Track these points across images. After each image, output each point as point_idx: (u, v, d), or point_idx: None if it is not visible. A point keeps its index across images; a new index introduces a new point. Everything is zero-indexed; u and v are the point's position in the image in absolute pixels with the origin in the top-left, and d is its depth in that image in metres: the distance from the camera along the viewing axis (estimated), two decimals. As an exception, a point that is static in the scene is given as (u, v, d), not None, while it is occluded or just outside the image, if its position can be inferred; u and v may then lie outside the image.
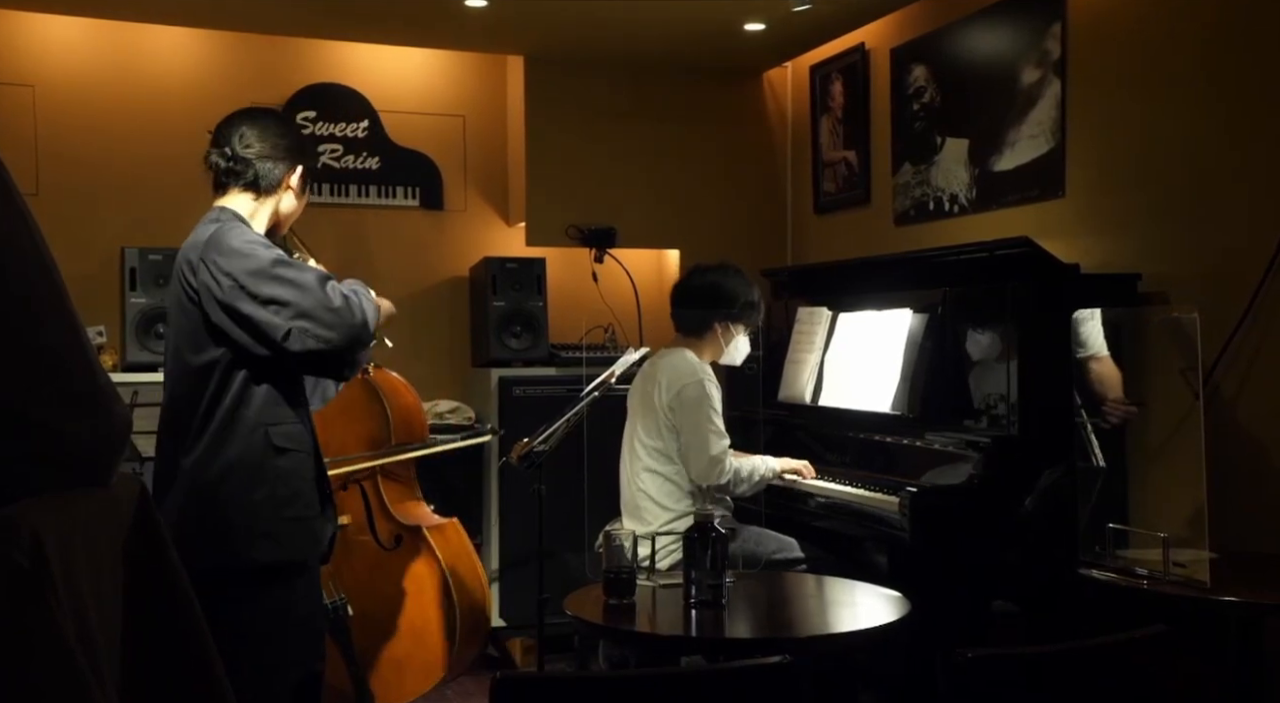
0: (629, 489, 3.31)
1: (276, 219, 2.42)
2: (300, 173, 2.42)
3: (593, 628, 2.38)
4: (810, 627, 2.48)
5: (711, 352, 3.33)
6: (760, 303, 3.42)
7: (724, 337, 3.31)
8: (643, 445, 3.24)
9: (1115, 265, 3.25)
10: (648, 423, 3.24)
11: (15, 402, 1.08)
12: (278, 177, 2.38)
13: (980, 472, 2.90)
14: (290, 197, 2.43)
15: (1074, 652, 1.70)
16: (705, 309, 3.30)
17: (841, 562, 3.29)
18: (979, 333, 3.14)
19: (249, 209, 2.36)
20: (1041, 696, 1.68)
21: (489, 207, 4.91)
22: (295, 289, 2.18)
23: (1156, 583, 2.27)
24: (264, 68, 4.54)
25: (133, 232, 4.10)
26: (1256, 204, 2.86)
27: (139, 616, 1.21)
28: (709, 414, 3.16)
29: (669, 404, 3.19)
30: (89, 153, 4.31)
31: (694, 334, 3.32)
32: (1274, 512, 2.79)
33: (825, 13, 4.03)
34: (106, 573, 1.16)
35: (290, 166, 2.39)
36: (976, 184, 3.85)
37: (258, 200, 2.37)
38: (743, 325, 3.34)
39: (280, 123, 2.49)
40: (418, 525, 3.31)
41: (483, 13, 4.09)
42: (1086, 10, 3.41)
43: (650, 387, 3.24)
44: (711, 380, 3.22)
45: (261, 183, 2.36)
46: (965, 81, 3.89)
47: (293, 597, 2.27)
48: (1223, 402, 2.91)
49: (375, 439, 3.38)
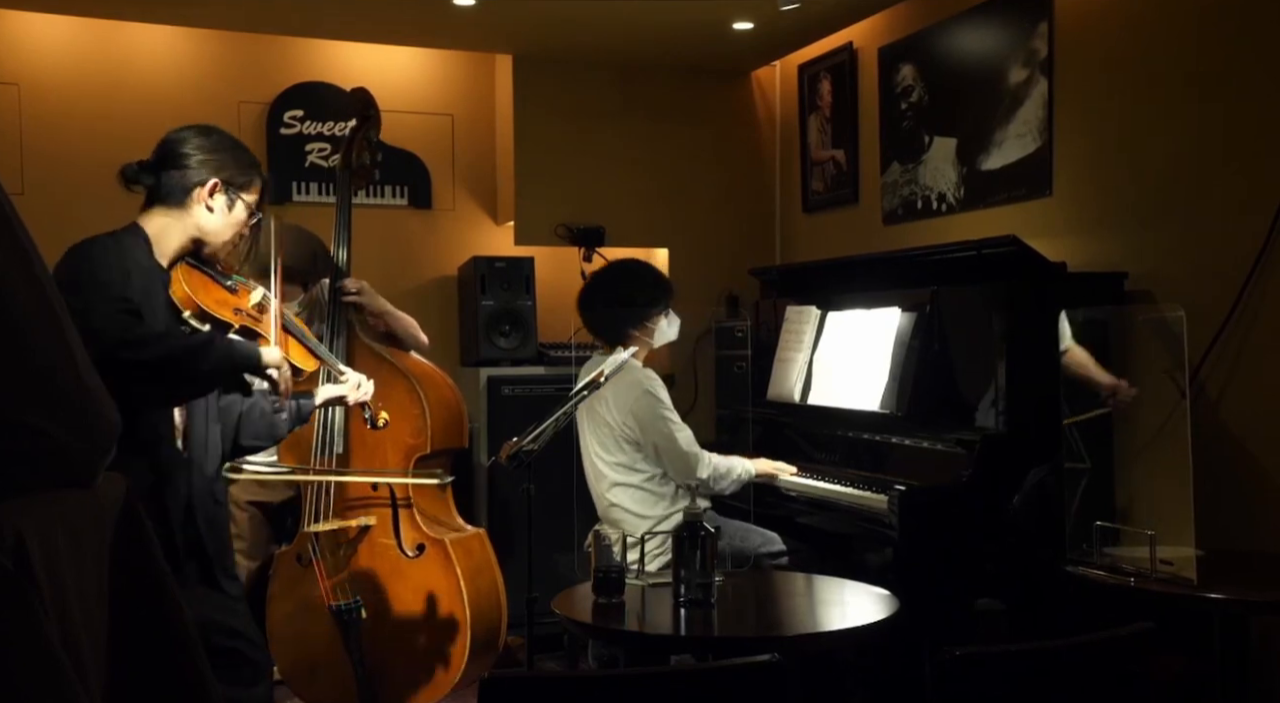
0: (602, 505, 3.32)
1: (198, 237, 2.25)
2: (213, 185, 2.22)
3: (582, 628, 2.38)
4: (799, 625, 2.48)
5: (643, 349, 3.31)
6: (664, 282, 3.40)
7: (645, 333, 3.32)
8: (604, 463, 3.24)
9: (1102, 264, 3.26)
10: (603, 438, 3.24)
11: (6, 409, 1.10)
12: (184, 188, 2.21)
13: (968, 470, 2.91)
14: (204, 213, 2.23)
15: (1061, 649, 1.71)
16: (614, 323, 3.31)
17: (830, 560, 3.30)
18: (967, 332, 3.15)
19: (156, 224, 2.22)
20: (1029, 693, 1.68)
21: (477, 206, 4.91)
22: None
23: (1143, 580, 2.28)
24: (251, 66, 4.53)
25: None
26: (1242, 204, 2.88)
27: (124, 614, 1.20)
28: (665, 417, 3.18)
29: (622, 421, 3.19)
30: (74, 151, 4.29)
31: (620, 344, 3.29)
32: (1260, 510, 2.81)
33: (813, 12, 4.04)
34: (91, 572, 1.16)
35: (202, 178, 2.21)
36: (964, 183, 3.86)
37: (167, 216, 2.23)
38: (656, 314, 3.33)
39: (204, 135, 2.27)
40: (442, 538, 3.28)
41: (471, 12, 4.08)
42: (1073, 10, 3.42)
43: (595, 401, 3.22)
44: (653, 380, 3.23)
45: (165, 195, 2.22)
46: (953, 81, 3.90)
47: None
48: (1209, 400, 2.92)
49: (410, 445, 3.32)
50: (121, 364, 1.93)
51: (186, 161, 2.23)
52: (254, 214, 2.32)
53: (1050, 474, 2.82)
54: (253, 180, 2.30)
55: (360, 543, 3.29)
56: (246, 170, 2.30)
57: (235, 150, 2.30)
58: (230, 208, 2.27)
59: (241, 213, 2.29)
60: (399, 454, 3.29)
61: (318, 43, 4.61)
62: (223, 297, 2.28)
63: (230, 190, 2.26)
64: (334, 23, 4.38)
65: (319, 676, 3.32)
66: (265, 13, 4.23)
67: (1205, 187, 3.00)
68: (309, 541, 3.26)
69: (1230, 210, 2.91)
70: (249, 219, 2.31)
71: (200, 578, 2.23)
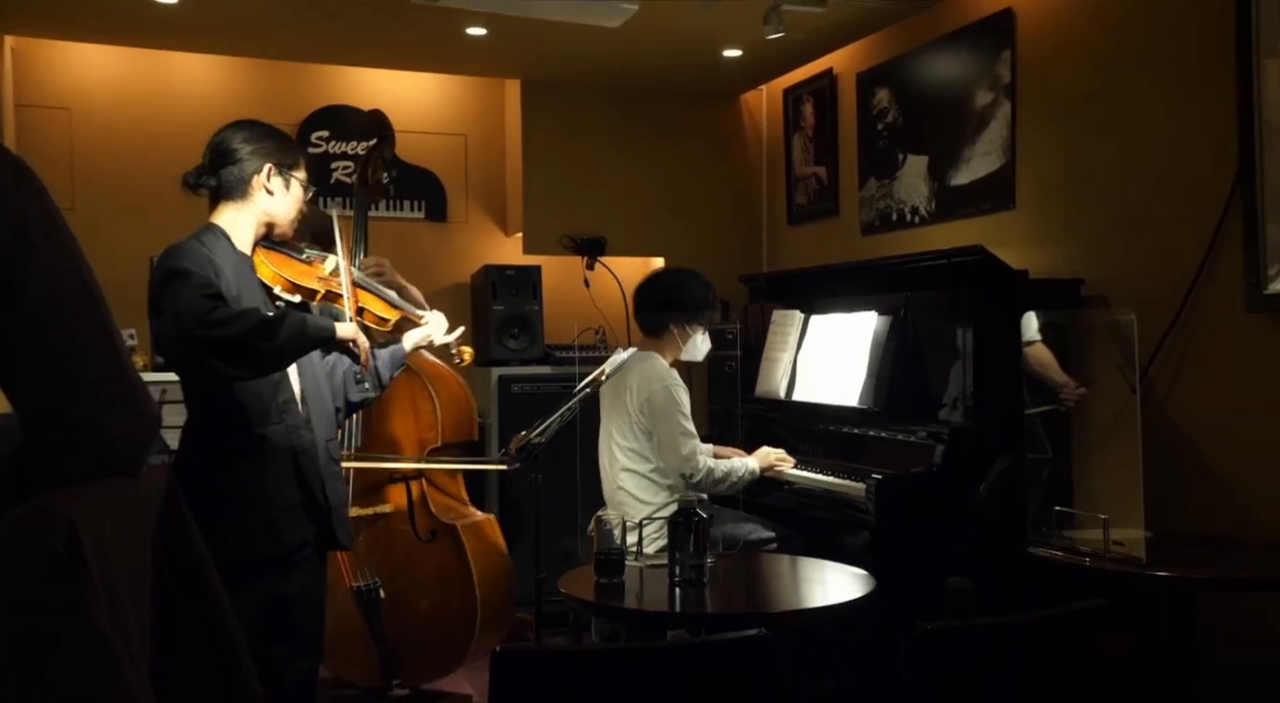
0: (610, 487, 3.30)
1: (270, 222, 2.26)
2: (269, 170, 2.22)
3: (585, 605, 2.38)
4: (785, 603, 2.48)
5: (672, 351, 3.28)
6: (715, 302, 3.36)
7: (681, 337, 3.26)
8: (619, 448, 3.22)
9: (1060, 271, 3.26)
10: (621, 425, 3.22)
11: (56, 404, 1.11)
12: (244, 179, 2.21)
13: (939, 460, 2.91)
14: (267, 198, 2.24)
15: (1023, 624, 1.71)
16: (661, 312, 3.25)
17: (813, 543, 3.29)
18: (937, 333, 3.15)
19: (229, 219, 2.23)
20: (994, 664, 1.68)
21: (489, 218, 4.91)
22: (171, 302, 2.03)
23: (1097, 560, 2.29)
24: (281, 91, 4.53)
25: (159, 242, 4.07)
26: (1188, 215, 2.88)
27: (167, 597, 1.21)
28: (677, 418, 3.12)
29: (639, 408, 3.17)
30: (120, 170, 4.30)
31: (654, 335, 3.27)
32: (1204, 495, 2.81)
33: (797, 40, 4.04)
34: (136, 557, 1.16)
35: (256, 167, 2.22)
36: (935, 197, 3.86)
37: (237, 208, 2.24)
38: (698, 325, 3.28)
39: (242, 128, 2.28)
40: (453, 523, 3.28)
41: (483, 40, 4.09)
42: (1034, 38, 3.43)
43: (621, 390, 3.20)
44: (678, 385, 3.17)
45: (229, 191, 2.22)
46: (924, 103, 3.91)
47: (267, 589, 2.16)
48: (1157, 396, 2.93)
49: (422, 437, 3.32)
50: (206, 342, 1.97)
51: (239, 156, 2.23)
52: (307, 188, 2.33)
53: (1013, 464, 2.82)
54: (298, 158, 2.31)
55: (378, 529, 3.30)
56: (291, 150, 2.30)
57: (276, 136, 2.31)
58: (287, 187, 2.27)
59: (298, 189, 2.30)
60: (412, 446, 3.30)
61: (343, 69, 4.62)
62: (303, 269, 2.29)
63: (283, 171, 2.26)
64: (358, 51, 4.38)
65: (343, 650, 3.33)
66: (295, 42, 4.23)
67: (1154, 200, 3.01)
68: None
69: (1177, 222, 2.92)
70: (305, 193, 2.32)
71: (318, 541, 2.25)
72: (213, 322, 1.98)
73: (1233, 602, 2.73)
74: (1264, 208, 2.63)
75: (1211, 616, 2.74)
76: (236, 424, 2.14)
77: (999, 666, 1.68)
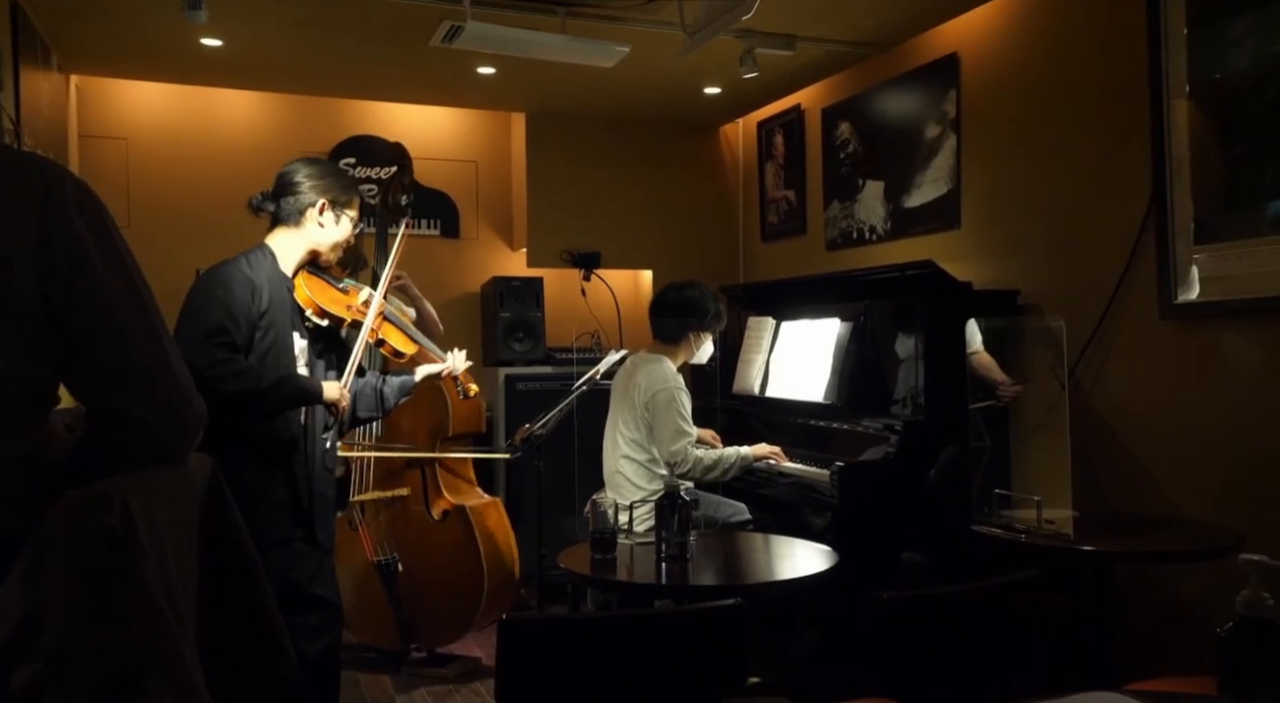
0: (609, 470, 3.29)
1: (314, 248, 2.26)
2: (322, 205, 2.22)
3: (581, 578, 2.38)
4: (758, 575, 2.48)
5: (684, 355, 3.26)
6: (723, 313, 3.36)
7: (695, 342, 3.25)
8: (622, 436, 3.21)
9: (1000, 283, 3.28)
10: (626, 416, 3.20)
11: (115, 402, 1.12)
12: (299, 210, 2.21)
13: (894, 450, 2.92)
14: (318, 229, 2.23)
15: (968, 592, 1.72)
16: (680, 319, 3.22)
17: (783, 523, 3.30)
18: (893, 337, 3.16)
19: (279, 242, 2.23)
20: (943, 628, 1.69)
21: (497, 235, 4.90)
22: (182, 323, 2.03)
23: (1032, 536, 2.29)
24: (314, 122, 4.53)
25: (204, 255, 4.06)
26: (1108, 234, 2.90)
27: (210, 572, 1.21)
28: (676, 417, 3.09)
29: (644, 404, 3.15)
30: (171, 192, 4.28)
31: (670, 341, 3.24)
32: (1124, 479, 2.83)
33: (769, 79, 4.05)
34: (184, 536, 1.16)
35: (312, 200, 2.21)
36: (890, 218, 3.88)
37: (288, 234, 2.23)
38: (709, 332, 3.28)
39: (310, 165, 2.27)
40: (463, 505, 3.28)
41: (492, 78, 4.09)
42: (976, 80, 3.44)
43: (630, 385, 3.19)
44: (681, 388, 3.14)
45: (285, 217, 2.23)
46: (881, 135, 3.92)
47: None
48: (1083, 392, 2.94)
49: (435, 429, 3.32)
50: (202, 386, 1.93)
51: (299, 188, 2.22)
52: (356, 226, 2.31)
53: (959, 452, 2.83)
54: (353, 198, 2.29)
55: (396, 510, 3.29)
56: (347, 190, 2.28)
57: (337, 175, 2.29)
58: (338, 222, 2.26)
59: (347, 226, 2.28)
60: (427, 437, 3.31)
61: (369, 103, 4.61)
62: (337, 297, 2.28)
63: (336, 208, 2.25)
64: (382, 87, 4.38)
65: (367, 617, 3.32)
66: (327, 80, 4.22)
67: (1080, 220, 3.02)
68: (355, 508, 3.26)
69: (1100, 239, 2.94)
70: (354, 230, 2.30)
71: (305, 536, 2.22)
72: (214, 376, 1.98)
73: (1144, 570, 2.76)
74: (1174, 229, 2.65)
75: (1128, 580, 2.77)
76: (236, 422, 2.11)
77: (948, 629, 1.69)
